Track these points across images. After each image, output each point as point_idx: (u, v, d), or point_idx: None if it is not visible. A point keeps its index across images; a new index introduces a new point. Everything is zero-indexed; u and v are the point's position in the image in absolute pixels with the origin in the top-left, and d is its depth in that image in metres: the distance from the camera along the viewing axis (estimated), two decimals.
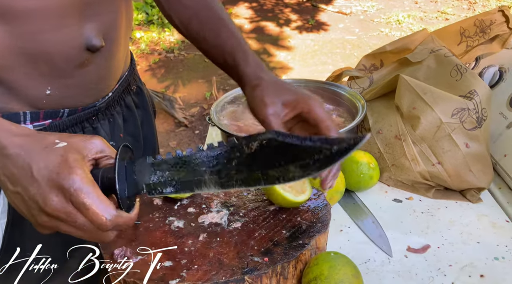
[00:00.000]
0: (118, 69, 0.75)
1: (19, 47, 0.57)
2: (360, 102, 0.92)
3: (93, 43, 0.62)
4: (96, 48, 0.63)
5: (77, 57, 0.62)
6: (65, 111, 0.67)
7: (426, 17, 5.13)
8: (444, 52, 0.88)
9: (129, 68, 0.81)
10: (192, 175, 0.46)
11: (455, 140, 0.78)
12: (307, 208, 0.67)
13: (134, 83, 0.84)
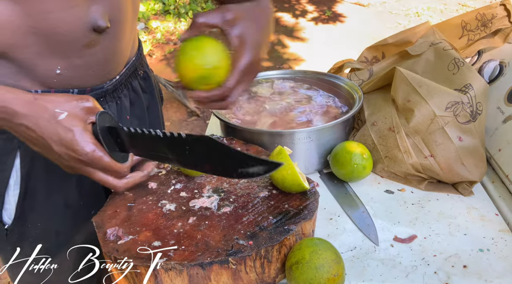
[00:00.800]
0: (125, 53, 0.78)
1: (30, 27, 0.60)
2: (357, 93, 0.93)
3: (99, 24, 0.65)
4: (101, 29, 0.66)
5: (84, 37, 0.66)
6: (74, 91, 0.70)
7: (446, 9, 5.02)
8: (443, 45, 0.88)
9: (136, 53, 0.84)
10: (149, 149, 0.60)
11: (448, 133, 0.78)
12: (296, 196, 0.69)
13: (141, 68, 0.87)
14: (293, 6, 5.05)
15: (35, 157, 0.70)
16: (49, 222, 0.76)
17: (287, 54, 3.87)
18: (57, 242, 0.77)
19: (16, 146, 0.69)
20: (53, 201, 0.75)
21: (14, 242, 0.76)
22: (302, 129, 0.83)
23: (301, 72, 1.06)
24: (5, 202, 0.72)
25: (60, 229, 0.77)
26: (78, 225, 0.78)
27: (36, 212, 0.74)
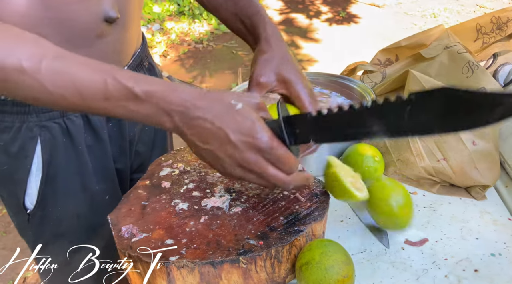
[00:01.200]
0: (132, 44, 0.82)
1: (48, 18, 0.64)
2: (370, 96, 0.93)
3: (110, 15, 0.69)
4: (112, 20, 0.70)
5: (97, 27, 0.69)
6: None
7: (463, 10, 4.95)
8: (458, 48, 0.87)
9: (142, 44, 0.88)
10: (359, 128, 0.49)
11: (462, 137, 0.78)
12: (306, 198, 0.70)
13: (146, 59, 0.90)
14: (307, 7, 5.04)
15: (55, 144, 0.74)
16: (69, 205, 0.80)
17: (300, 55, 3.87)
18: (78, 224, 0.82)
19: (37, 133, 0.72)
20: (72, 186, 0.79)
21: (36, 226, 0.80)
22: None
23: (314, 74, 1.07)
24: (27, 188, 0.75)
25: (80, 212, 0.81)
26: (95, 208, 0.83)
27: (57, 196, 0.78)
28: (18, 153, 0.73)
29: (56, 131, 0.74)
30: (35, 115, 0.72)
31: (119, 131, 0.84)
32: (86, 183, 0.80)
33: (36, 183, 0.76)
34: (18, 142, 0.72)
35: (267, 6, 5.03)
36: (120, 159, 0.87)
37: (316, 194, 0.71)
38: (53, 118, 0.73)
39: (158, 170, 0.78)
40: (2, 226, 2.10)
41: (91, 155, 0.80)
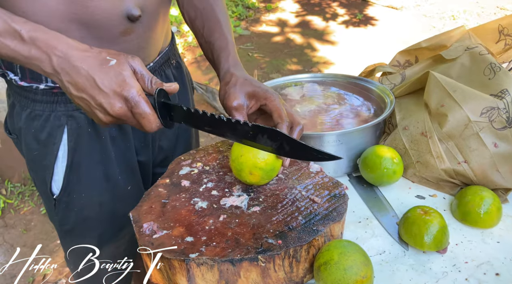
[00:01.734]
0: (158, 42, 0.85)
1: (73, 13, 0.68)
2: (389, 97, 0.92)
3: (132, 13, 0.73)
4: (134, 18, 0.73)
5: (120, 25, 0.73)
6: None
7: (483, 12, 4.86)
8: (479, 50, 0.86)
9: (169, 44, 0.92)
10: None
11: (483, 139, 0.77)
12: (325, 198, 0.70)
13: (174, 57, 0.94)
14: (323, 9, 5.03)
15: (80, 133, 0.79)
16: (92, 193, 0.84)
17: (316, 58, 3.86)
18: (100, 211, 0.85)
19: (64, 122, 0.77)
20: (95, 174, 0.83)
21: (62, 212, 0.84)
22: (332, 132, 0.84)
23: (332, 75, 1.07)
24: (54, 174, 0.80)
25: (102, 200, 0.85)
26: (118, 198, 0.87)
27: (81, 184, 0.82)
28: (47, 139, 0.78)
29: (82, 121, 0.78)
30: (63, 105, 0.77)
31: None
32: (109, 173, 0.84)
33: (62, 169, 0.80)
34: (47, 129, 0.77)
35: (283, 9, 5.04)
36: (142, 152, 0.90)
37: (335, 195, 0.71)
38: (80, 108, 0.76)
39: (178, 169, 0.79)
40: (23, 224, 2.15)
41: (114, 146, 0.84)
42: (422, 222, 0.68)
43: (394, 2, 5.27)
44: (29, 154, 0.81)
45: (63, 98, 0.76)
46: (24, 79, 0.75)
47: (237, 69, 0.76)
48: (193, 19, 0.84)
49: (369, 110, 0.95)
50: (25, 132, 0.79)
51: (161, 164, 0.97)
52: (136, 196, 0.87)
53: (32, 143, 0.79)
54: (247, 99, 0.72)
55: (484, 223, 0.73)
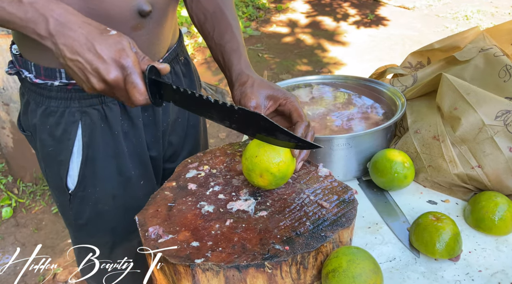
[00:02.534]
0: (167, 38, 0.87)
1: (89, 8, 0.70)
2: (400, 100, 0.90)
3: (143, 8, 0.74)
4: (145, 13, 0.75)
5: (132, 19, 0.75)
6: None
7: (497, 12, 4.77)
8: (494, 51, 0.84)
9: (178, 40, 0.93)
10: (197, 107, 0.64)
11: (498, 143, 0.74)
12: (334, 203, 0.68)
13: (182, 54, 0.95)
14: (334, 10, 4.99)
15: (94, 128, 0.80)
16: (106, 186, 0.86)
17: (327, 58, 3.83)
18: (114, 205, 0.87)
19: (78, 118, 0.79)
20: (109, 168, 0.84)
21: (77, 206, 0.86)
22: (341, 135, 0.82)
23: (342, 77, 1.05)
24: (69, 169, 0.82)
25: (116, 194, 0.87)
26: (131, 192, 0.88)
27: (95, 178, 0.84)
28: (62, 135, 0.79)
29: (95, 117, 0.80)
30: (77, 102, 0.78)
31: (153, 120, 0.89)
32: (122, 167, 0.86)
33: (77, 165, 0.82)
34: (62, 125, 0.79)
35: (294, 9, 5.02)
36: (154, 146, 0.92)
37: (344, 200, 0.69)
38: (93, 104, 0.79)
39: (185, 172, 0.78)
40: (34, 223, 2.17)
41: (127, 141, 0.85)
42: (434, 228, 0.66)
43: (406, 2, 5.21)
44: (44, 150, 0.83)
45: (77, 94, 0.77)
46: (38, 76, 0.77)
47: (250, 70, 0.76)
48: (202, 22, 0.84)
49: (379, 113, 0.93)
50: (40, 128, 0.80)
51: (170, 159, 0.99)
52: (149, 191, 0.88)
53: (47, 139, 0.80)
54: (265, 100, 0.72)
55: (498, 230, 0.70)
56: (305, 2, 5.26)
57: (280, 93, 0.73)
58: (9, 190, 2.35)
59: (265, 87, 0.73)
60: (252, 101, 0.71)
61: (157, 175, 0.96)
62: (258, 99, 0.71)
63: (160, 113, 0.89)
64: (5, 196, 2.29)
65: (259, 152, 0.67)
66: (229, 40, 0.80)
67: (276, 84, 0.77)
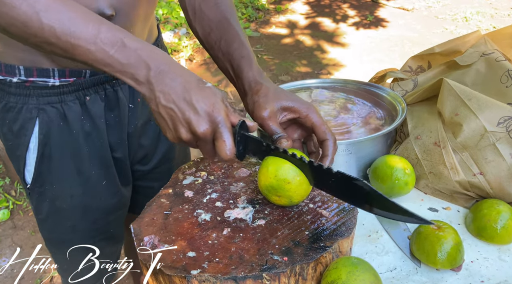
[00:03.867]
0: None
1: None
2: (400, 105, 0.89)
3: (104, 12, 0.72)
4: (107, 17, 0.72)
5: None
6: (87, 71, 0.78)
7: (497, 14, 4.77)
8: (496, 56, 0.83)
9: (155, 42, 0.91)
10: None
11: (500, 150, 0.73)
12: (334, 211, 0.67)
13: None
14: (333, 11, 4.98)
15: (51, 126, 0.80)
16: (63, 185, 0.85)
17: (326, 60, 3.82)
18: (72, 203, 0.87)
19: (35, 115, 0.78)
20: (67, 167, 0.84)
21: (36, 201, 0.87)
22: (341, 141, 0.81)
23: (341, 81, 1.04)
24: (26, 164, 0.82)
25: (74, 193, 0.86)
26: (90, 192, 0.88)
27: (52, 175, 0.83)
28: (19, 131, 0.79)
29: (53, 115, 0.79)
30: (35, 98, 0.77)
31: (119, 121, 0.87)
32: (81, 167, 0.85)
33: (33, 161, 0.82)
34: (19, 121, 0.79)
35: (293, 11, 5.01)
36: (118, 148, 0.89)
37: (344, 208, 0.68)
38: (52, 102, 0.78)
39: (181, 179, 0.77)
40: (31, 226, 2.15)
41: (88, 141, 0.83)
42: (435, 238, 0.65)
43: (406, 4, 5.21)
44: (6, 144, 0.84)
45: (35, 91, 0.77)
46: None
47: (263, 78, 0.73)
48: (207, 33, 0.82)
49: (379, 118, 0.92)
50: (1, 122, 0.81)
51: (141, 162, 0.97)
52: (112, 192, 0.91)
53: (7, 133, 0.81)
54: (281, 111, 0.70)
55: (501, 239, 0.69)
56: (305, 3, 5.25)
57: (299, 105, 0.69)
58: (7, 192, 2.33)
59: (282, 97, 0.69)
60: (266, 111, 0.68)
61: (125, 177, 0.94)
62: (273, 108, 0.68)
63: (127, 115, 0.87)
64: (2, 198, 2.28)
65: (290, 177, 0.63)
66: (238, 47, 0.77)
67: (295, 94, 0.74)
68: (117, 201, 0.92)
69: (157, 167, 0.99)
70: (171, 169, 1.03)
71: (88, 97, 0.80)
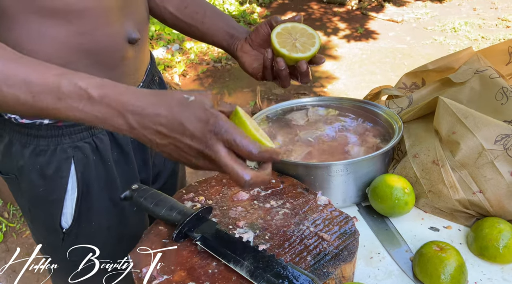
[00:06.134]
0: (146, 61, 0.88)
1: (79, 43, 0.69)
2: (397, 123, 0.89)
3: (133, 36, 0.75)
4: (134, 40, 0.76)
5: (121, 49, 0.75)
6: None
7: (484, 24, 4.85)
8: (489, 73, 0.83)
9: (150, 61, 0.92)
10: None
11: (498, 168, 0.73)
12: (335, 235, 0.66)
13: (156, 74, 0.96)
14: (324, 24, 5.04)
15: (87, 162, 0.79)
16: (102, 219, 0.84)
17: (319, 72, 3.85)
18: (108, 235, 0.85)
19: (71, 154, 0.77)
20: (103, 200, 0.83)
21: (71, 244, 0.81)
22: (339, 162, 0.80)
23: (337, 99, 1.04)
24: (64, 207, 0.79)
25: (111, 225, 0.85)
26: (124, 220, 0.87)
27: (91, 212, 0.82)
28: (54, 174, 0.76)
29: (87, 150, 0.78)
30: (68, 137, 0.76)
31: (139, 145, 0.88)
32: (115, 197, 0.84)
33: (71, 202, 0.79)
34: (54, 163, 0.76)
35: None
36: (143, 170, 0.91)
37: (345, 231, 0.67)
38: (84, 138, 0.77)
39: None
40: (25, 248, 2.11)
41: (118, 169, 0.84)
42: (438, 260, 0.64)
43: (395, 16, 5.29)
44: (33, 191, 0.79)
45: (67, 130, 0.75)
46: (24, 116, 0.73)
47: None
48: (183, 7, 0.89)
49: (376, 136, 0.92)
50: (28, 169, 0.76)
51: (154, 180, 0.97)
52: (141, 218, 0.91)
53: (37, 179, 0.77)
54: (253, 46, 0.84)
55: (503, 259, 0.69)
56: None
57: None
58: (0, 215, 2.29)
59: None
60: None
61: None
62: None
63: None
64: None
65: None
66: (227, 17, 0.89)
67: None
68: (145, 226, 0.91)
69: (165, 184, 1.01)
70: (175, 185, 1.06)
71: None
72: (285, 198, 0.76)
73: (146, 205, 0.69)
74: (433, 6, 5.69)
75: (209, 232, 0.65)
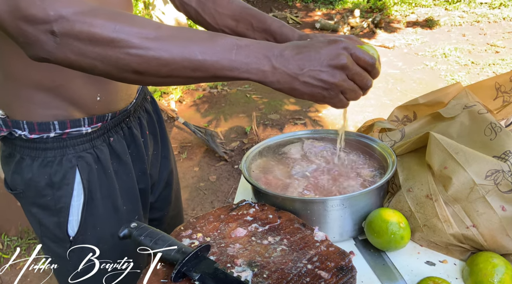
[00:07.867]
0: None
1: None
2: (391, 157, 0.91)
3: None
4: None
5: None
6: (109, 115, 0.86)
7: (474, 50, 4.98)
8: (478, 108, 0.86)
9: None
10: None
11: (490, 202, 0.75)
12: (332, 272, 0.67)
13: (148, 93, 1.03)
14: None
15: (90, 170, 0.85)
16: (105, 225, 0.88)
17: None
18: (112, 243, 0.88)
19: (75, 163, 0.84)
20: (106, 207, 0.88)
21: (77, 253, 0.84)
22: (335, 197, 0.82)
23: (333, 132, 1.06)
24: (69, 214, 0.84)
25: (114, 231, 0.86)
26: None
27: (95, 217, 0.87)
28: (61, 181, 0.83)
29: (90, 160, 0.85)
30: (72, 148, 0.83)
31: (138, 154, 0.94)
32: (117, 204, 0.89)
33: (77, 208, 0.85)
34: (61, 172, 0.83)
35: None
36: (142, 179, 0.97)
37: (342, 268, 0.68)
38: (86, 149, 0.85)
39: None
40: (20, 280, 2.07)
41: (118, 178, 0.89)
42: None
43: (386, 42, 5.42)
44: (42, 201, 0.84)
45: (71, 141, 0.83)
46: (32, 132, 0.80)
47: (308, 35, 0.86)
48: (234, 26, 0.91)
49: (372, 170, 0.94)
50: (36, 180, 0.83)
51: (150, 191, 1.03)
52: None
53: (45, 189, 0.83)
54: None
55: None
56: None
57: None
58: None
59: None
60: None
61: (145, 208, 1.00)
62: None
63: (142, 147, 0.95)
64: None
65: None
66: (272, 21, 0.88)
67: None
68: None
69: (160, 195, 1.07)
70: (170, 197, 1.12)
71: (112, 138, 0.88)
72: (283, 234, 0.77)
73: (145, 243, 0.70)
74: (423, 32, 5.84)
75: (207, 272, 0.65)
